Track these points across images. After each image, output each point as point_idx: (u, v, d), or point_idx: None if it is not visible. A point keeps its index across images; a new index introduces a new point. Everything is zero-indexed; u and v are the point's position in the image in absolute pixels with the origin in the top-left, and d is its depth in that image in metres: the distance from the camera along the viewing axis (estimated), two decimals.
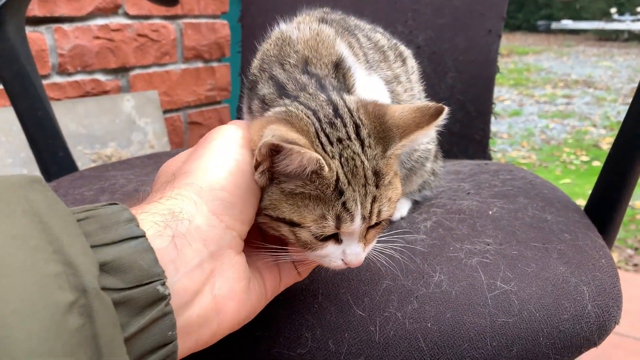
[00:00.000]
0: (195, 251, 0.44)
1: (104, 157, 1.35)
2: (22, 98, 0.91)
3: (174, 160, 0.54)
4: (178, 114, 1.63)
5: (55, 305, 0.31)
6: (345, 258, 0.53)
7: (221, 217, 0.47)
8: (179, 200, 0.45)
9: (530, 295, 0.59)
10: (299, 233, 0.50)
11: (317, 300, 0.62)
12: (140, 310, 0.37)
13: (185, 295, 0.42)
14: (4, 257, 0.31)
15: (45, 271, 0.32)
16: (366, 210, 0.51)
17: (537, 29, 14.31)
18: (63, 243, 0.34)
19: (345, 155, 0.50)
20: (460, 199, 0.80)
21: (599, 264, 0.64)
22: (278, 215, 0.50)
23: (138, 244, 0.38)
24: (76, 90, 1.35)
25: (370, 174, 0.51)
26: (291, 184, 0.49)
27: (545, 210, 0.74)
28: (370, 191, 0.51)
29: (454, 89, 1.20)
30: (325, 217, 0.49)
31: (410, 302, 0.60)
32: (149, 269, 0.38)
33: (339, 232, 0.51)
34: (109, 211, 0.39)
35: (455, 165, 1.02)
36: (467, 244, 0.67)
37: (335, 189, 0.49)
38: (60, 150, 0.97)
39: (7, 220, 0.33)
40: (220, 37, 1.68)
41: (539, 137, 4.46)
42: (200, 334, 0.45)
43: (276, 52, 0.60)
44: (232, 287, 0.47)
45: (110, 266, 0.36)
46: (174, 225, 0.43)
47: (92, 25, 1.35)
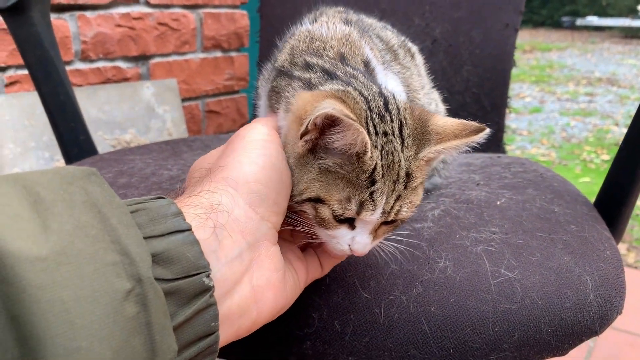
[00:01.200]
0: (235, 242, 0.46)
1: (123, 143, 1.38)
2: (45, 82, 0.93)
3: (207, 157, 0.56)
4: (196, 103, 1.65)
5: (114, 293, 0.33)
6: (353, 245, 0.54)
7: (257, 209, 0.49)
8: (217, 194, 0.47)
9: (533, 284, 0.60)
10: (320, 209, 0.52)
11: (325, 283, 0.64)
12: (187, 301, 0.39)
13: (226, 285, 0.44)
14: (67, 246, 0.32)
15: (104, 260, 0.33)
16: (388, 205, 0.52)
17: (561, 25, 14.10)
18: (120, 233, 0.35)
19: (386, 149, 0.51)
20: (469, 189, 0.81)
21: (604, 255, 0.65)
22: (306, 195, 0.52)
23: (185, 236, 0.40)
24: (98, 76, 1.38)
25: (403, 173, 0.52)
26: (330, 160, 0.51)
27: (553, 202, 0.75)
28: (398, 189, 0.52)
29: (470, 82, 1.20)
30: (350, 200, 0.51)
31: (415, 286, 0.61)
32: (195, 261, 0.40)
33: (356, 218, 0.52)
34: (157, 204, 0.41)
35: (467, 158, 1.02)
36: (473, 232, 0.68)
37: (369, 177, 0.51)
38: (81, 134, 1.00)
39: (69, 211, 0.34)
40: (239, 27, 1.70)
41: (559, 135, 4.41)
42: (240, 324, 0.46)
43: (306, 48, 0.62)
44: (270, 277, 0.49)
45: (160, 257, 0.38)
46: (214, 217, 0.44)
47: (114, 13, 1.38)
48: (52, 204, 0.34)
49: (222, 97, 1.72)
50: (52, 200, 0.34)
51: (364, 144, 0.48)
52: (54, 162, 1.25)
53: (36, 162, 1.23)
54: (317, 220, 0.53)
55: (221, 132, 1.75)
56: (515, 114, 5.10)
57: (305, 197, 0.52)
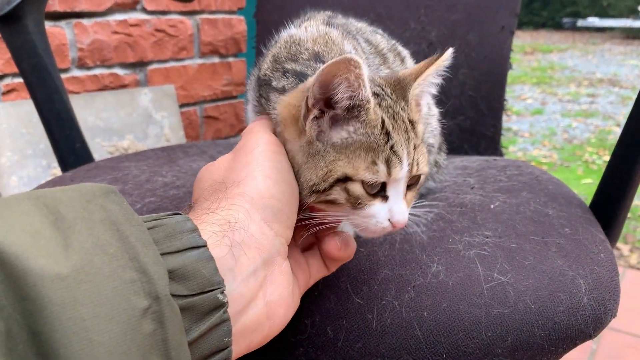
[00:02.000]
0: (251, 259, 0.46)
1: (121, 150, 1.38)
2: (40, 90, 0.94)
3: (215, 167, 0.56)
4: (194, 108, 1.65)
5: (132, 310, 0.34)
6: (393, 217, 0.54)
7: (271, 225, 0.49)
8: (233, 211, 0.47)
9: (526, 287, 0.60)
10: (351, 188, 0.53)
11: (318, 289, 0.64)
12: (202, 317, 0.39)
13: (242, 302, 0.45)
14: (87, 264, 0.33)
15: (123, 278, 0.34)
16: (410, 156, 0.54)
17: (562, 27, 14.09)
18: (138, 251, 0.36)
19: (383, 105, 0.54)
20: (463, 193, 0.81)
21: (598, 258, 0.65)
22: (333, 176, 0.53)
23: (200, 253, 0.41)
24: (95, 83, 1.39)
25: (407, 121, 0.55)
26: (344, 132, 0.53)
27: (547, 205, 0.75)
28: (411, 137, 0.55)
29: (466, 85, 1.20)
30: (375, 162, 0.52)
31: (408, 291, 0.61)
32: (210, 278, 0.40)
33: (388, 181, 0.53)
34: (173, 221, 0.42)
35: (464, 161, 1.02)
36: (466, 236, 0.68)
37: (382, 130, 0.53)
38: (77, 141, 1.00)
39: (89, 230, 0.35)
40: (236, 33, 1.70)
41: (561, 136, 4.40)
42: (253, 338, 0.47)
43: (286, 53, 0.63)
44: (282, 293, 0.49)
45: (175, 274, 0.38)
46: (231, 235, 0.45)
47: (110, 20, 1.39)
48: (73, 222, 0.35)
49: (220, 102, 1.72)
50: (73, 218, 0.35)
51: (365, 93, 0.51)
52: (51, 170, 1.26)
53: (34, 169, 1.23)
54: (350, 202, 0.53)
55: (219, 137, 1.76)
56: (516, 115, 5.10)
57: (331, 179, 0.53)
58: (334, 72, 0.49)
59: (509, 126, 4.67)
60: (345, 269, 0.65)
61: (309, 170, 0.54)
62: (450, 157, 1.11)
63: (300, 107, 0.53)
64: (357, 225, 0.56)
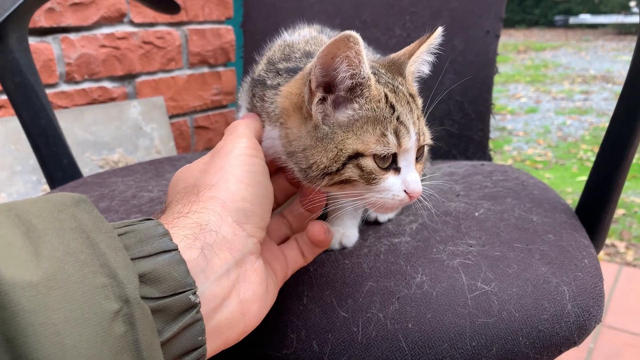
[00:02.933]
0: (223, 260, 0.48)
1: (111, 163, 1.38)
2: (25, 108, 0.94)
3: (190, 169, 0.57)
4: (184, 119, 1.65)
5: (102, 314, 0.35)
6: (408, 187, 0.56)
7: (243, 226, 0.51)
8: (205, 214, 0.49)
9: (510, 296, 0.60)
10: (363, 164, 0.54)
11: (302, 303, 0.64)
12: (174, 318, 0.41)
13: (215, 301, 0.46)
14: (58, 271, 0.34)
15: (93, 283, 0.36)
16: (416, 126, 0.57)
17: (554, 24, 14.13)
18: (108, 257, 0.38)
19: (383, 81, 0.57)
20: (449, 200, 0.81)
21: (582, 264, 0.65)
22: (345, 155, 0.54)
23: (172, 256, 0.42)
24: (83, 98, 1.39)
25: (408, 94, 0.58)
26: (349, 110, 0.55)
27: (532, 211, 0.75)
28: (414, 109, 0.57)
29: (453, 90, 1.20)
30: (385, 134, 0.54)
31: (392, 303, 0.61)
32: (181, 280, 0.42)
33: (398, 152, 0.55)
34: (145, 226, 0.43)
35: (452, 167, 1.02)
36: (450, 245, 0.68)
37: (387, 103, 0.55)
38: (64, 158, 1.00)
39: (59, 238, 0.37)
40: (225, 42, 1.70)
41: (555, 134, 4.41)
42: (229, 335, 0.49)
43: (279, 55, 0.65)
44: (255, 291, 0.51)
45: (147, 277, 0.40)
46: (202, 237, 0.47)
47: (98, 34, 1.39)
48: (44, 232, 0.36)
49: (211, 112, 1.72)
50: (44, 228, 0.37)
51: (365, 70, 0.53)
52: (41, 186, 1.26)
53: (23, 186, 1.23)
54: (364, 178, 0.55)
55: (211, 147, 1.75)
56: (511, 114, 5.11)
57: (343, 158, 0.54)
58: (334, 51, 0.51)
59: (504, 125, 4.68)
60: (330, 282, 0.65)
61: (318, 153, 0.55)
62: (439, 162, 1.11)
63: (301, 94, 0.55)
64: (374, 203, 0.57)
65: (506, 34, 12.98)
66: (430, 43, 0.62)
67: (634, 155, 0.72)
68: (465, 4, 1.21)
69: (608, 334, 1.69)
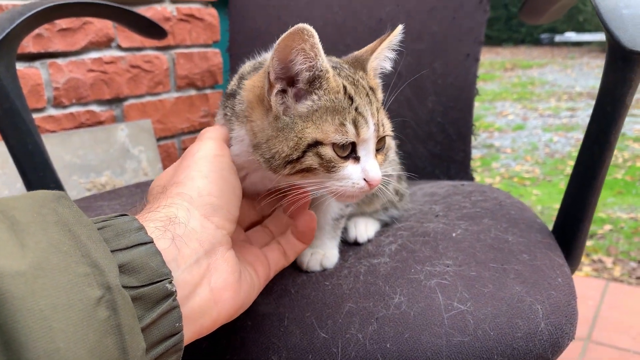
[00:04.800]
0: (193, 250, 0.50)
1: (99, 186, 1.39)
2: (12, 134, 0.95)
3: (162, 175, 0.61)
4: (172, 141, 1.67)
5: (87, 300, 0.37)
6: (367, 174, 0.59)
7: (211, 219, 0.54)
8: (174, 208, 0.52)
9: (485, 315, 0.62)
10: (322, 152, 0.57)
11: (284, 324, 0.65)
12: (153, 305, 0.43)
13: (187, 288, 0.49)
14: (43, 261, 0.37)
15: (77, 272, 0.38)
16: (375, 117, 0.59)
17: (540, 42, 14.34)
18: (89, 248, 0.40)
19: (343, 75, 0.60)
20: (427, 221, 0.83)
21: (555, 283, 0.67)
22: (304, 143, 0.57)
23: (148, 248, 0.45)
24: (71, 121, 1.40)
25: (367, 87, 0.61)
26: (308, 101, 0.58)
27: (508, 231, 0.77)
28: (373, 101, 0.60)
29: (434, 112, 1.23)
30: (343, 124, 0.57)
31: (371, 323, 0.63)
32: (158, 269, 0.44)
33: (357, 141, 0.58)
34: (121, 221, 0.46)
35: (433, 187, 1.04)
36: (427, 265, 0.69)
37: (345, 95, 0.58)
38: (51, 182, 1.01)
39: (43, 231, 0.39)
40: (212, 65, 1.73)
41: (543, 151, 4.46)
42: (202, 322, 0.51)
43: (249, 69, 0.68)
44: (227, 279, 0.53)
45: (126, 267, 0.42)
46: (172, 229, 0.49)
47: (85, 58, 1.41)
48: (27, 226, 0.39)
49: (198, 133, 1.74)
50: (27, 222, 0.39)
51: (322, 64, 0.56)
52: None
53: None
54: (323, 166, 0.58)
55: None
56: (498, 132, 5.16)
57: (303, 146, 0.57)
58: (289, 44, 0.54)
59: (491, 142, 4.73)
60: (311, 304, 0.66)
61: (279, 143, 0.58)
62: (421, 183, 1.13)
63: (263, 87, 0.59)
64: (335, 191, 0.60)
65: (493, 52, 13.15)
66: (391, 41, 0.65)
67: (605, 176, 0.75)
68: (445, 28, 1.24)
69: (595, 349, 1.70)
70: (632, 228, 2.78)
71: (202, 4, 1.67)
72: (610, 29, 0.65)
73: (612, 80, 0.68)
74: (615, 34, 0.64)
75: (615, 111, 0.69)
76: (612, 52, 0.68)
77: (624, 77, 0.66)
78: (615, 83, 0.68)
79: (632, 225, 2.82)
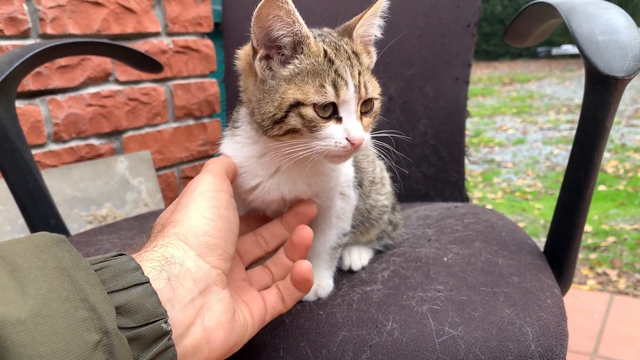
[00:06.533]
0: (187, 290, 0.52)
1: (99, 218, 1.41)
2: (13, 172, 0.97)
3: (164, 213, 0.63)
4: (172, 170, 1.69)
5: (85, 345, 0.39)
6: (349, 134, 0.61)
7: (207, 259, 0.55)
8: (170, 248, 0.53)
9: (476, 339, 0.63)
10: (304, 112, 0.60)
11: (279, 355, 0.66)
12: (148, 345, 0.44)
13: (180, 328, 0.50)
14: (43, 308, 0.38)
15: (75, 317, 0.40)
16: (356, 79, 0.62)
17: (538, 56, 14.42)
18: (87, 292, 0.41)
19: (327, 40, 0.63)
20: (420, 246, 0.84)
21: (545, 304, 0.68)
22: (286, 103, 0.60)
23: (144, 289, 0.46)
24: (71, 156, 1.43)
25: (351, 51, 0.64)
26: (291, 65, 0.62)
27: (498, 254, 0.78)
28: (355, 64, 0.62)
29: (427, 134, 1.24)
30: (323, 85, 0.60)
31: (364, 351, 0.64)
32: (154, 310, 0.45)
33: (337, 102, 0.61)
34: (118, 261, 0.47)
35: (427, 210, 1.06)
36: (419, 291, 0.70)
37: (325, 58, 0.61)
38: (52, 218, 1.03)
39: (43, 277, 0.40)
40: (210, 95, 1.76)
41: (544, 164, 4.46)
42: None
43: None
44: (220, 319, 0.54)
45: (123, 309, 0.43)
46: (168, 269, 0.51)
47: (84, 94, 1.44)
48: (28, 272, 0.40)
49: (197, 162, 1.76)
50: (28, 267, 0.41)
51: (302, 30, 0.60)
52: None
53: None
54: (306, 126, 0.61)
55: None
56: (498, 146, 5.18)
57: (285, 106, 0.61)
58: (265, 11, 0.58)
59: (492, 157, 4.74)
60: (305, 333, 0.67)
61: (266, 104, 0.62)
62: (416, 205, 1.15)
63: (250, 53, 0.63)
64: (321, 151, 0.62)
65: (491, 66, 13.22)
66: (377, 7, 0.67)
67: (591, 196, 0.76)
68: (435, 53, 1.27)
69: None
70: (635, 239, 2.77)
71: (198, 35, 1.71)
72: (587, 55, 0.67)
73: (592, 104, 0.70)
74: (592, 59, 0.66)
75: (596, 133, 0.71)
76: (590, 77, 0.69)
77: (603, 100, 0.68)
78: (595, 106, 0.70)
79: (635, 236, 2.82)
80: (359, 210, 0.78)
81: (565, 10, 0.74)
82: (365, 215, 0.80)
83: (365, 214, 0.80)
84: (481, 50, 14.52)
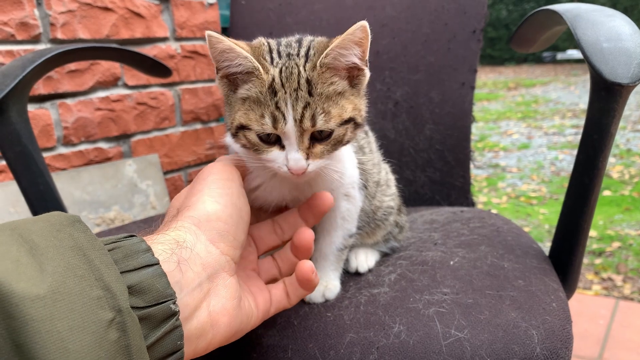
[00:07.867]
0: (196, 274, 0.53)
1: (108, 221, 1.42)
2: (25, 175, 0.98)
3: (178, 196, 0.64)
4: (179, 174, 1.71)
5: (100, 322, 0.40)
6: (288, 163, 0.62)
7: (217, 245, 0.56)
8: (182, 232, 0.54)
9: (482, 342, 0.63)
10: (249, 136, 0.63)
11: (287, 355, 0.67)
12: (157, 324, 0.46)
13: (187, 311, 0.51)
14: (60, 285, 0.40)
15: (90, 295, 0.41)
16: (297, 113, 0.61)
17: (543, 60, 14.41)
18: (102, 272, 0.43)
19: (287, 65, 0.61)
20: (426, 249, 0.85)
21: (550, 307, 0.68)
22: (236, 123, 0.63)
23: (154, 270, 0.47)
24: (80, 159, 1.44)
25: (304, 81, 0.61)
26: (243, 89, 0.63)
27: (504, 257, 0.79)
28: (301, 96, 0.61)
29: (433, 139, 1.26)
30: (263, 116, 0.61)
31: (372, 352, 0.65)
32: (163, 291, 0.47)
33: (277, 132, 0.61)
34: (130, 242, 0.48)
35: (433, 214, 1.07)
36: (426, 294, 0.71)
37: (269, 89, 0.61)
38: None
39: (60, 256, 0.42)
40: (217, 99, 1.78)
41: (548, 169, 4.46)
42: (198, 343, 0.53)
43: None
44: (225, 305, 0.56)
45: (134, 289, 0.45)
46: (179, 252, 0.52)
47: (93, 98, 1.45)
48: (46, 250, 0.41)
49: (205, 165, 1.77)
50: (46, 246, 0.42)
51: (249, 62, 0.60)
52: None
53: None
54: (250, 146, 0.63)
55: None
56: (503, 151, 5.18)
57: (235, 126, 0.63)
58: (210, 47, 0.60)
59: (497, 162, 4.74)
60: (313, 335, 0.68)
61: (228, 117, 0.64)
62: (422, 209, 1.16)
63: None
64: (271, 168, 0.64)
65: (496, 71, 13.22)
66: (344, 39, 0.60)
67: (596, 200, 0.77)
68: (441, 59, 1.28)
69: None
70: None
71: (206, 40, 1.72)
72: (592, 62, 0.68)
73: (597, 110, 0.71)
74: (597, 66, 0.67)
75: (601, 139, 0.72)
76: (595, 84, 0.70)
77: (608, 107, 0.69)
78: (600, 113, 0.70)
79: None
80: (365, 211, 0.79)
81: (571, 18, 0.75)
82: (370, 216, 0.81)
83: (370, 214, 0.81)
84: (486, 55, 14.51)
